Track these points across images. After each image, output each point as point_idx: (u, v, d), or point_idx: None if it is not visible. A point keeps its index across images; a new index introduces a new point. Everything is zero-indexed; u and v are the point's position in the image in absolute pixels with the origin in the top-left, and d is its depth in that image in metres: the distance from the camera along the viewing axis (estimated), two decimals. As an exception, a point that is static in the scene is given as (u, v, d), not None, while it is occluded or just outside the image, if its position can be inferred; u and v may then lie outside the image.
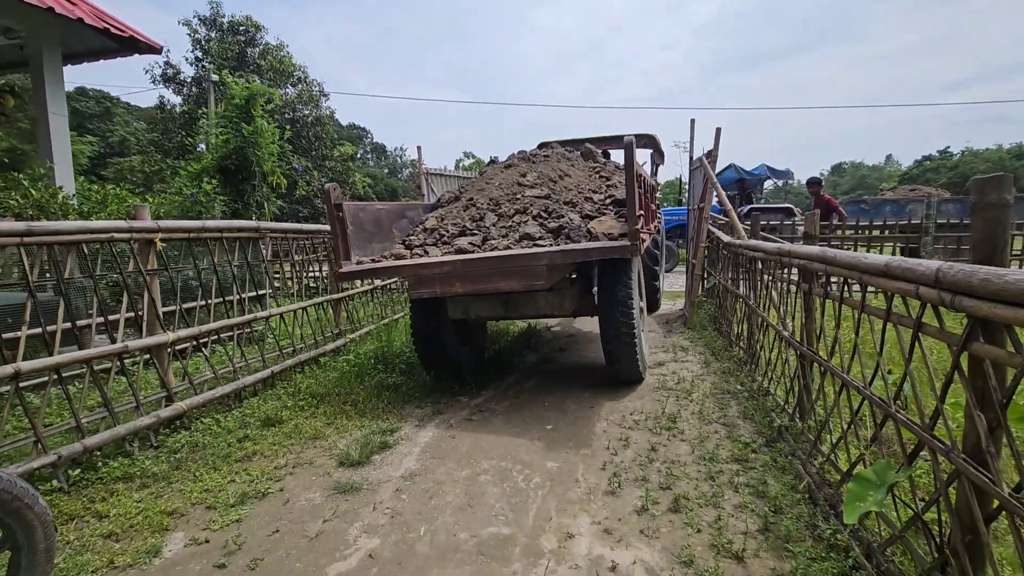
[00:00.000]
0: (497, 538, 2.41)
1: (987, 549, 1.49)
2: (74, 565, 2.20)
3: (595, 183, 4.79)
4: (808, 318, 3.03)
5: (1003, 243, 1.52)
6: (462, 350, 4.92)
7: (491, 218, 4.32)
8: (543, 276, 3.50)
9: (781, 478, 2.82)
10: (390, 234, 4.52)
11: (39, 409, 2.86)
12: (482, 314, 4.29)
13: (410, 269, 3.65)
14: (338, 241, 3.87)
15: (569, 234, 3.81)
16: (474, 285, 3.59)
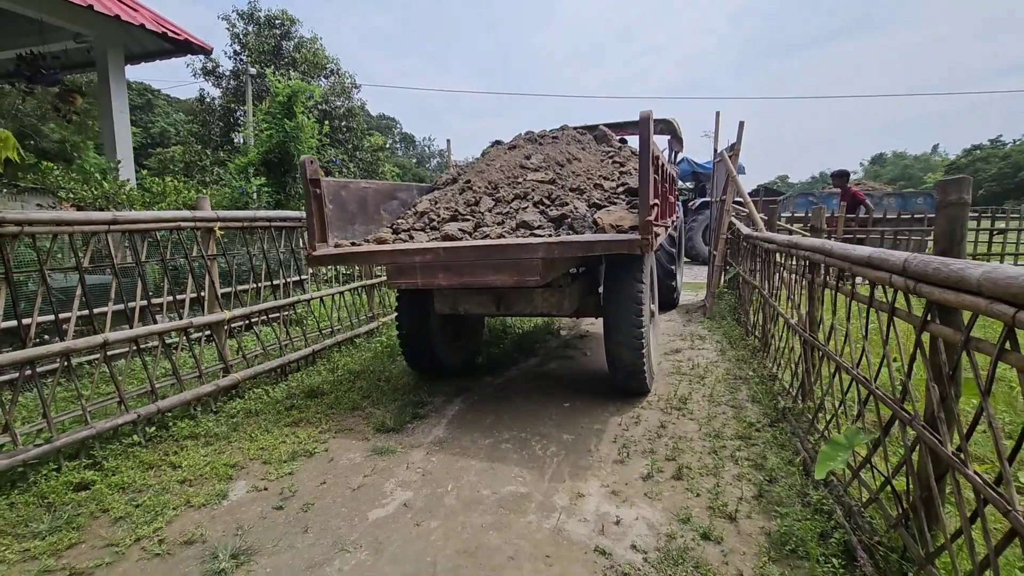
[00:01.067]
0: (515, 495, 2.72)
1: (937, 503, 1.72)
2: (158, 503, 2.60)
3: (607, 169, 4.25)
4: (811, 306, 3.23)
5: (960, 237, 1.73)
6: (453, 348, 4.67)
7: (487, 203, 3.82)
8: (538, 271, 3.06)
9: (780, 453, 3.05)
10: (377, 216, 4.09)
11: (122, 374, 3.30)
12: (471, 310, 3.87)
13: (388, 256, 3.22)
14: (313, 220, 3.46)
15: (572, 224, 3.34)
16: (459, 278, 3.19)
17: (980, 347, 1.48)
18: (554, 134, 5.02)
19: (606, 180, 4.00)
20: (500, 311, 3.84)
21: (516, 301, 3.75)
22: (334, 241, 3.58)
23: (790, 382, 3.75)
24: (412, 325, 4.25)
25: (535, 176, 4.05)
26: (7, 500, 2.57)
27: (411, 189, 4.62)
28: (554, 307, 3.75)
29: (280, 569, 2.15)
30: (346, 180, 3.81)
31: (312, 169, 3.46)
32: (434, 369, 4.47)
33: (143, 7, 5.98)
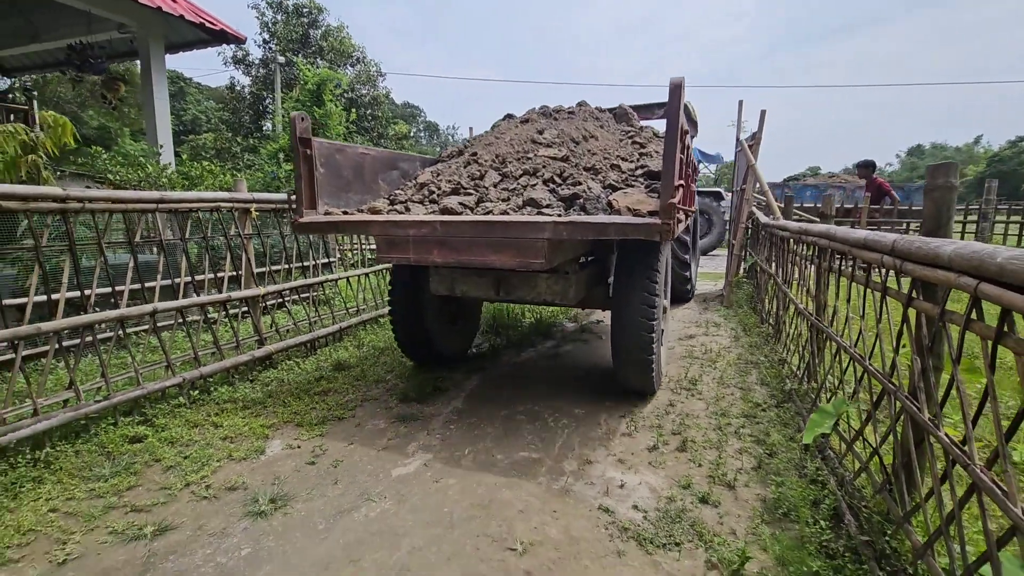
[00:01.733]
0: (527, 460, 2.92)
1: (915, 467, 1.86)
2: (203, 455, 2.88)
3: (626, 150, 3.93)
4: (818, 290, 3.33)
5: (947, 219, 1.84)
6: (450, 332, 4.45)
7: (493, 177, 3.53)
8: (543, 253, 2.79)
9: (782, 431, 3.18)
10: (375, 186, 3.84)
11: (167, 344, 3.60)
12: (469, 292, 3.61)
13: (379, 227, 3.00)
14: (301, 184, 3.22)
15: (584, 205, 3.01)
16: (456, 255, 2.93)
17: (954, 319, 1.60)
18: (570, 109, 4.66)
19: (624, 161, 3.67)
20: (500, 296, 3.55)
21: (518, 286, 3.50)
22: (324, 208, 3.35)
23: (797, 365, 3.86)
24: (406, 306, 4.00)
25: (547, 152, 3.71)
26: (73, 448, 2.88)
27: (414, 160, 4.32)
28: (558, 295, 3.46)
29: (313, 514, 2.39)
30: (342, 143, 3.54)
31: (302, 127, 3.21)
32: (429, 357, 4.28)
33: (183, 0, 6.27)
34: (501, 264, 2.88)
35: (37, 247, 2.77)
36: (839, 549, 2.07)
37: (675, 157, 2.53)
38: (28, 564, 2.05)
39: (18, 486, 2.52)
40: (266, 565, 2.05)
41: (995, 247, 1.31)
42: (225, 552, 2.13)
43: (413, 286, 4.00)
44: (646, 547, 2.18)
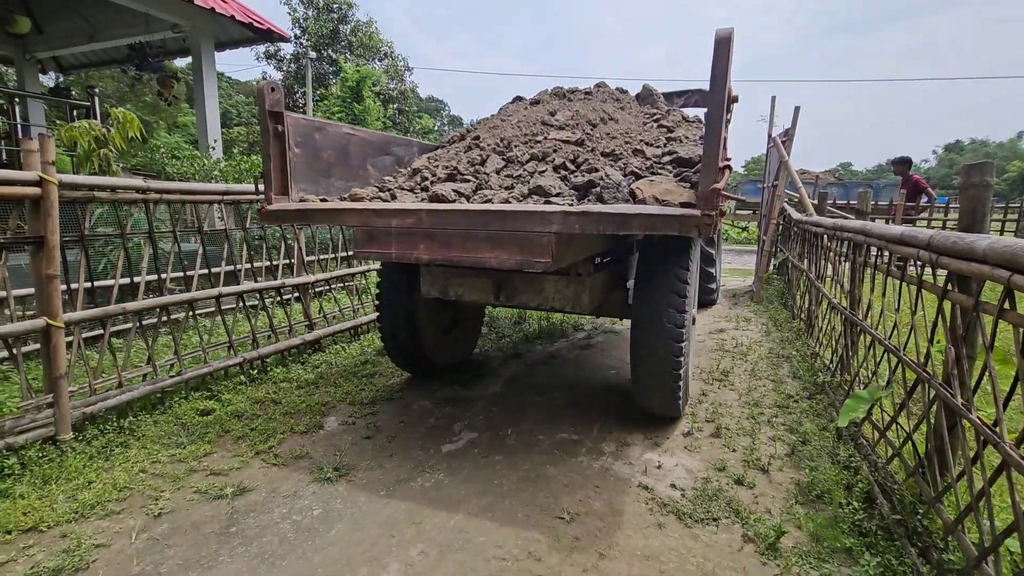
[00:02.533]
0: (568, 440, 3.09)
1: (947, 450, 1.96)
2: (268, 428, 3.12)
3: (651, 133, 3.47)
4: (853, 284, 3.40)
5: (982, 215, 1.93)
6: (446, 341, 4.01)
7: (495, 162, 3.10)
8: (549, 250, 2.32)
9: (815, 421, 3.29)
10: (363, 172, 3.44)
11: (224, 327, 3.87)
12: (464, 296, 3.19)
13: (356, 217, 2.57)
14: (270, 165, 2.78)
15: (601, 194, 2.53)
16: (445, 251, 2.48)
17: (987, 309, 1.71)
18: (587, 90, 4.21)
19: (648, 146, 3.21)
20: (500, 300, 3.13)
21: (521, 289, 3.09)
22: (300, 195, 2.93)
23: (830, 359, 3.94)
24: (396, 311, 3.58)
25: (559, 135, 3.26)
26: (151, 418, 3.15)
27: (410, 145, 3.89)
28: (568, 301, 3.05)
29: (375, 481, 2.60)
30: (324, 121, 3.18)
31: (273, 99, 2.73)
32: (421, 368, 3.89)
33: (232, 0, 6.56)
34: (499, 263, 2.39)
35: (123, 234, 3.04)
36: (871, 528, 2.19)
37: (720, 131, 2.04)
38: (128, 516, 2.30)
39: (108, 450, 2.80)
40: (337, 524, 2.27)
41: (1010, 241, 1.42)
42: (299, 512, 2.35)
43: (405, 287, 3.59)
44: (685, 521, 2.33)
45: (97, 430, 2.91)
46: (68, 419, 2.73)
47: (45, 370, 2.71)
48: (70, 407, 2.75)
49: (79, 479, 2.50)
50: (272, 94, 2.75)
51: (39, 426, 2.66)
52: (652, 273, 2.96)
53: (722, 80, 2.02)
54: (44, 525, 2.19)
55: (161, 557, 2.04)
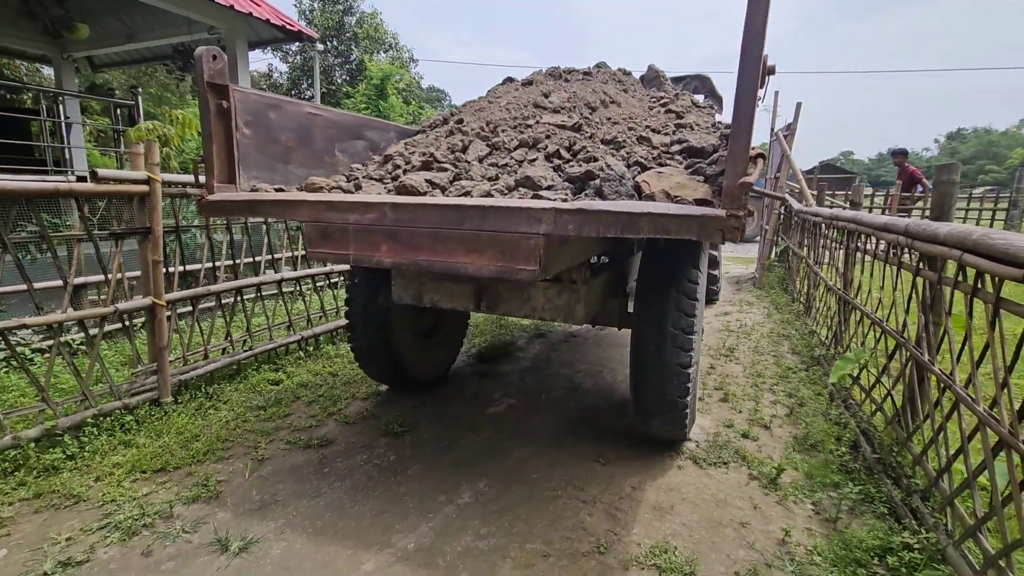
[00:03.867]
0: (595, 407, 3.54)
1: (917, 400, 2.41)
2: (333, 395, 3.57)
3: (658, 119, 3.13)
4: (846, 267, 3.84)
5: (949, 207, 2.36)
6: (425, 350, 3.64)
7: (479, 148, 2.73)
8: (536, 255, 1.92)
9: (811, 388, 3.74)
10: (330, 159, 3.00)
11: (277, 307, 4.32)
12: (440, 303, 2.82)
13: (308, 209, 2.17)
14: (211, 147, 2.34)
15: (601, 188, 2.14)
16: (411, 254, 2.08)
17: (947, 283, 2.15)
18: (586, 71, 3.85)
19: (655, 133, 2.87)
20: (482, 308, 2.78)
21: (505, 297, 2.74)
22: (252, 183, 2.51)
23: (825, 335, 4.38)
24: (368, 316, 3.21)
25: (552, 119, 2.91)
26: (231, 387, 3.60)
27: (387, 129, 3.47)
28: (560, 312, 2.68)
29: (435, 436, 3.06)
30: (280, 97, 2.72)
31: (213, 68, 2.29)
32: (397, 380, 3.52)
33: (264, 3, 6.93)
34: (475, 270, 2.00)
35: (207, 225, 3.48)
36: (856, 467, 2.64)
37: (753, 108, 1.65)
38: (236, 461, 2.76)
39: (203, 411, 3.25)
40: (412, 466, 2.72)
41: (972, 227, 1.85)
42: (377, 457, 2.81)
43: (378, 289, 3.21)
44: (700, 464, 2.79)
45: (189, 395, 3.37)
46: (169, 385, 3.18)
47: (150, 342, 3.15)
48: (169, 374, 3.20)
49: (186, 433, 2.96)
50: (213, 62, 2.27)
51: (147, 390, 3.11)
52: (657, 278, 2.65)
53: (757, 41, 1.60)
54: (170, 467, 2.65)
55: (274, 489, 2.50)
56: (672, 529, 2.25)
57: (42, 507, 2.31)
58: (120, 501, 2.35)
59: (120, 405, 2.96)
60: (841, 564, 2.00)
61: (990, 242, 1.66)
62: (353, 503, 2.40)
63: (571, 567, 2.01)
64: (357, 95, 8.25)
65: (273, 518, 2.28)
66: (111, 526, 2.18)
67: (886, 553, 2.01)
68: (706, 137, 2.74)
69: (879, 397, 2.92)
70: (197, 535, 2.16)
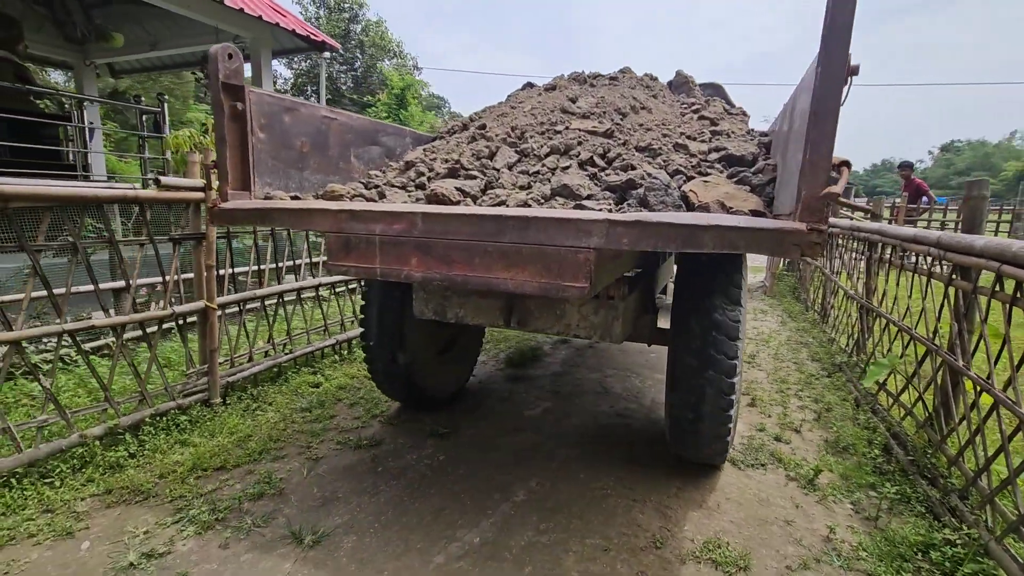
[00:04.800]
0: (628, 410, 3.64)
1: (951, 403, 2.53)
2: (372, 397, 3.67)
3: (692, 126, 2.99)
4: (868, 277, 3.96)
5: (980, 221, 2.49)
6: (441, 366, 3.50)
7: (507, 155, 2.62)
8: (585, 272, 1.75)
9: (836, 394, 3.85)
10: (345, 165, 2.90)
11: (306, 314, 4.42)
12: (466, 318, 2.71)
13: (329, 219, 2.02)
14: (225, 152, 2.25)
15: (646, 197, 2.04)
16: (444, 268, 1.92)
17: (982, 292, 2.27)
18: (612, 75, 3.75)
19: (692, 140, 2.73)
20: (511, 325, 2.65)
21: (537, 313, 2.60)
22: (265, 190, 2.42)
23: (846, 343, 4.50)
24: (384, 331, 3.08)
25: (583, 124, 2.81)
26: (273, 389, 3.70)
27: (402, 135, 3.34)
28: (596, 330, 2.54)
29: (478, 437, 3.16)
30: (294, 100, 2.62)
31: (227, 68, 2.20)
32: (412, 398, 3.40)
33: (290, 13, 7.07)
34: (516, 287, 1.85)
35: (255, 231, 3.59)
36: (889, 469, 2.75)
37: (837, 108, 1.47)
38: (291, 459, 2.85)
39: (251, 412, 3.35)
40: (460, 466, 2.82)
41: (1012, 240, 1.98)
42: (427, 457, 2.90)
43: (397, 303, 3.10)
44: (738, 466, 2.89)
45: (236, 396, 3.46)
46: (218, 386, 3.28)
47: (201, 344, 3.25)
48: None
49: (238, 433, 3.05)
50: (228, 61, 2.19)
51: (198, 391, 3.21)
52: (697, 290, 2.49)
53: (843, 41, 1.45)
54: (229, 465, 2.74)
55: (333, 487, 2.60)
56: (721, 526, 2.36)
57: (113, 502, 2.40)
58: (188, 497, 2.44)
59: (174, 405, 3.05)
60: (887, 559, 2.10)
61: (1018, 251, 1.79)
62: (412, 500, 2.50)
63: (631, 560, 2.11)
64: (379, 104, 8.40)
65: (339, 513, 2.37)
66: (185, 520, 2.27)
67: (929, 549, 2.12)
68: (744, 145, 2.60)
69: (908, 402, 3.04)
70: (269, 529, 2.26)
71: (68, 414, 2.58)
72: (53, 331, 2.49)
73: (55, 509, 2.32)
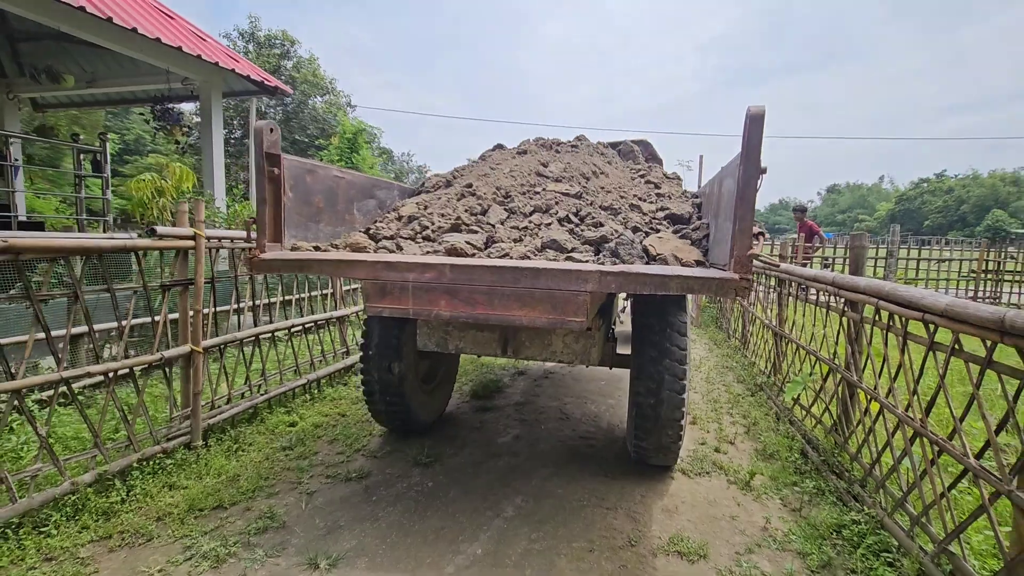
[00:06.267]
0: (588, 432, 4.05)
1: (851, 413, 3.15)
2: (350, 433, 3.83)
3: (641, 189, 3.61)
4: (780, 309, 4.70)
5: (862, 264, 3.20)
6: (427, 393, 3.87)
7: (497, 212, 3.09)
8: (584, 309, 2.25)
9: (759, 409, 4.48)
10: (348, 217, 3.33)
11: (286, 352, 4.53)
12: (467, 349, 3.15)
13: (368, 269, 2.41)
14: (265, 210, 2.64)
15: (617, 250, 2.57)
16: (468, 309, 2.35)
17: (867, 321, 2.92)
18: (572, 143, 4.36)
19: (643, 202, 3.32)
20: (507, 354, 3.11)
21: (528, 344, 3.09)
22: (291, 242, 2.80)
23: (764, 365, 5.21)
24: (384, 364, 3.42)
25: (557, 187, 3.32)
26: (249, 429, 3.76)
27: (391, 188, 3.80)
28: (577, 356, 3.06)
29: (463, 464, 3.42)
30: (313, 163, 3.03)
31: (271, 140, 2.62)
32: (406, 425, 3.72)
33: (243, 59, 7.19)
34: (530, 322, 2.31)
35: (235, 276, 3.71)
36: (807, 469, 3.33)
37: (754, 199, 2.06)
38: (286, 495, 2.98)
39: (233, 452, 3.42)
40: (450, 490, 3.08)
41: (883, 282, 2.63)
42: (417, 485, 3.14)
43: (396, 339, 3.46)
44: (688, 475, 3.36)
45: (215, 438, 3.51)
46: (200, 429, 3.34)
47: (183, 388, 3.31)
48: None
49: (226, 473, 3.13)
50: (271, 135, 2.62)
51: (181, 434, 3.25)
52: (657, 322, 3.01)
53: (756, 152, 2.04)
54: (225, 503, 2.83)
55: (334, 517, 2.77)
56: (681, 524, 2.79)
57: (116, 546, 2.45)
58: (193, 535, 2.53)
59: (159, 449, 3.09)
60: (811, 539, 2.61)
61: (899, 293, 2.42)
62: (412, 523, 2.73)
63: (613, 557, 2.48)
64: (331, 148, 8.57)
65: (345, 540, 2.56)
66: (197, 557, 2.38)
67: (841, 528, 2.65)
68: (682, 205, 3.26)
69: (818, 412, 3.68)
70: (282, 558, 2.41)
71: (60, 462, 2.59)
72: (53, 379, 2.54)
73: (56, 557, 2.34)
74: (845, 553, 2.50)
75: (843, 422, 3.25)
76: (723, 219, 2.36)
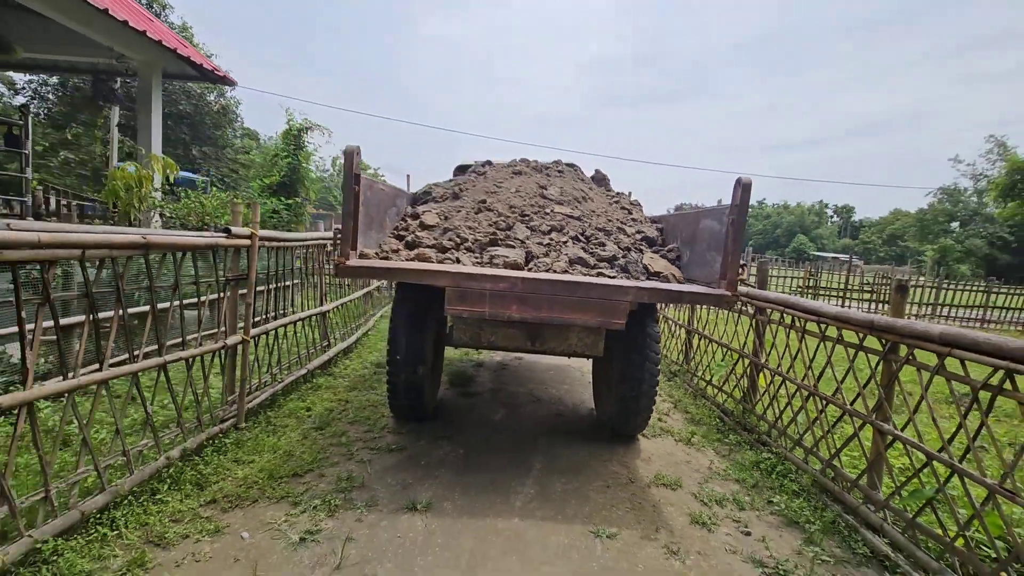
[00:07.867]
0: (561, 411, 4.98)
1: (756, 386, 4.48)
2: (363, 416, 4.32)
3: (619, 214, 4.28)
4: (691, 312, 6.07)
5: (766, 279, 4.55)
6: (433, 385, 4.39)
7: (522, 230, 3.76)
8: (624, 314, 3.01)
9: (679, 391, 5.78)
10: (384, 223, 3.79)
11: (288, 343, 4.81)
12: (498, 344, 3.67)
13: (450, 279, 2.96)
14: (350, 224, 3.07)
15: (627, 267, 3.43)
16: (535, 312, 2.99)
17: (772, 322, 4.25)
18: (560, 169, 5.13)
19: (625, 225, 4.03)
20: (533, 347, 3.66)
21: (549, 338, 3.62)
22: (360, 249, 3.23)
23: (676, 357, 6.60)
24: (411, 371, 3.84)
25: (561, 209, 3.96)
26: (276, 415, 4.06)
27: (403, 196, 4.44)
28: (588, 347, 3.66)
29: (476, 435, 4.12)
30: (373, 180, 3.43)
31: (357, 163, 3.08)
32: (418, 414, 4.17)
33: (188, 44, 6.87)
34: (583, 323, 3.05)
35: (278, 273, 4.00)
36: (726, 429, 4.60)
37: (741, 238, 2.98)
38: (342, 464, 3.45)
39: (274, 433, 3.75)
40: (482, 454, 3.79)
41: (784, 295, 3.92)
42: (451, 452, 3.79)
43: (421, 342, 3.86)
44: (648, 438, 4.44)
45: (253, 420, 3.80)
46: (244, 411, 3.64)
47: (230, 374, 3.59)
48: (243, 403, 3.65)
49: (279, 450, 3.50)
50: (357, 157, 3.06)
51: (231, 416, 3.54)
52: (634, 333, 3.73)
53: (745, 208, 2.94)
54: (300, 472, 3.25)
55: (400, 477, 3.34)
56: (657, 468, 3.82)
57: (228, 507, 2.80)
58: (294, 495, 2.96)
59: (218, 430, 3.37)
60: (741, 471, 3.80)
61: (796, 302, 3.70)
62: (467, 477, 3.41)
63: (624, 489, 3.42)
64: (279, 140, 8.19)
65: (422, 492, 3.17)
66: (311, 509, 2.84)
67: (759, 463, 3.89)
68: (650, 229, 4.24)
69: (729, 389, 5.02)
70: (381, 505, 2.97)
71: (159, 438, 2.85)
72: (159, 363, 2.79)
73: (181, 519, 2.65)
74: (764, 477, 3.72)
75: (751, 393, 4.58)
76: (704, 248, 3.46)
